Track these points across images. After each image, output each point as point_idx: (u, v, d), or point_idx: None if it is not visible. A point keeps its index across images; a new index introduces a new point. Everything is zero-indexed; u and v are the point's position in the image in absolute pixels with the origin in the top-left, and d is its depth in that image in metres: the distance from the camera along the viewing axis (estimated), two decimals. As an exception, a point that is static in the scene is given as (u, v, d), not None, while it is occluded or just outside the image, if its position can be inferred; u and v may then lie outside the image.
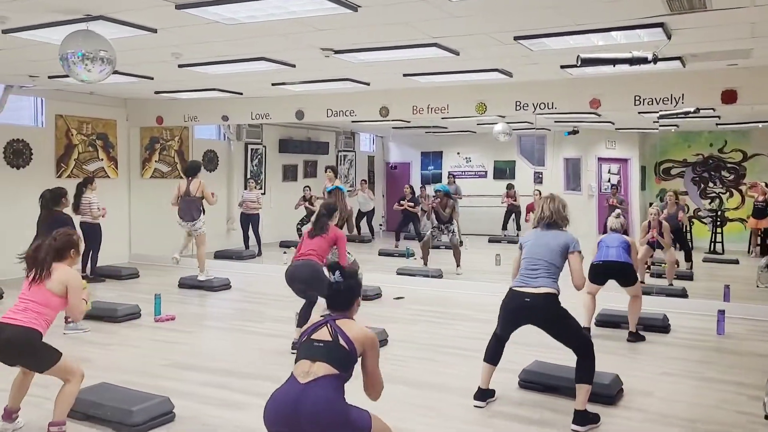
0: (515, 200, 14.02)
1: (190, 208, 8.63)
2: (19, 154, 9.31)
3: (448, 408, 4.42)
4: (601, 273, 6.22)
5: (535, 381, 4.77)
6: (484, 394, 4.46)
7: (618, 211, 6.73)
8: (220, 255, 11.26)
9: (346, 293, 3.06)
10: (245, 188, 12.16)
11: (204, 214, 8.90)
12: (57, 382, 3.77)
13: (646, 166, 13.57)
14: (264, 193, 13.17)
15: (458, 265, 10.05)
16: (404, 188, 12.73)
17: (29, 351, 3.62)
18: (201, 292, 8.55)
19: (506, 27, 5.24)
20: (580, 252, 4.28)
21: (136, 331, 6.48)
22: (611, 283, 6.30)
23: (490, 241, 14.33)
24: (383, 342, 5.95)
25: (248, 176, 12.78)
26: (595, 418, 4.12)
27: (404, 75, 7.65)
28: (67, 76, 5.24)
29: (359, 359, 2.96)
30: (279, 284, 6.11)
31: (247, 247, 11.72)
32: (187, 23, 5.14)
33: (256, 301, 8.17)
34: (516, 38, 5.52)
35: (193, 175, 8.77)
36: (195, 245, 8.95)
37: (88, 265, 8.98)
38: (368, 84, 8.44)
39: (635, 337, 6.15)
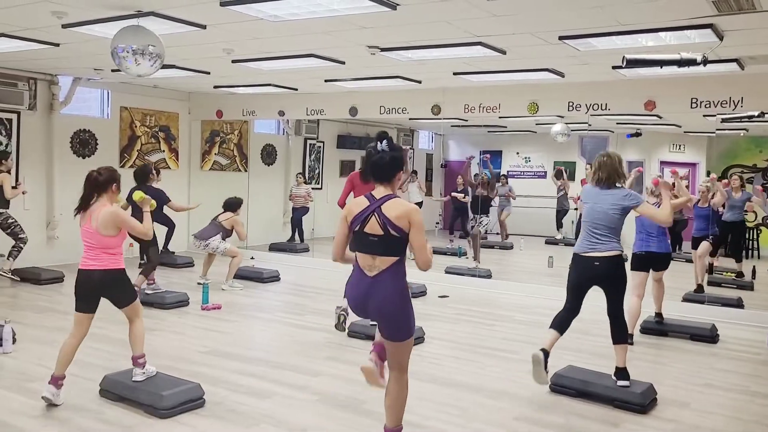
0: (566, 192, 13.72)
1: (209, 229, 8.33)
2: (85, 144, 9.79)
3: (474, 408, 4.37)
4: (643, 262, 6.08)
5: (567, 386, 4.65)
6: (547, 354, 4.45)
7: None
8: (274, 247, 11.51)
9: (390, 164, 3.20)
10: (295, 183, 12.36)
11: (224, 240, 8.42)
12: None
13: (713, 170, 12.97)
14: (321, 188, 13.37)
15: (475, 259, 9.94)
16: (457, 179, 12.65)
17: (119, 287, 4.15)
18: (250, 282, 8.75)
19: (550, 27, 5.14)
20: (644, 202, 4.54)
21: (181, 318, 6.71)
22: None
23: (546, 242, 14.07)
24: (419, 340, 5.94)
25: (302, 171, 12.97)
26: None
27: (454, 73, 7.60)
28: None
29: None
30: (326, 278, 6.17)
31: (293, 239, 11.94)
32: (233, 20, 5.27)
33: (302, 294, 8.30)
34: (561, 38, 5.39)
35: (231, 210, 8.44)
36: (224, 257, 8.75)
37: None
38: (420, 82, 8.43)
39: (662, 318, 6.33)
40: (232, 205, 8.58)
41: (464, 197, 12.08)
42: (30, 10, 5.22)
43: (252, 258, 10.25)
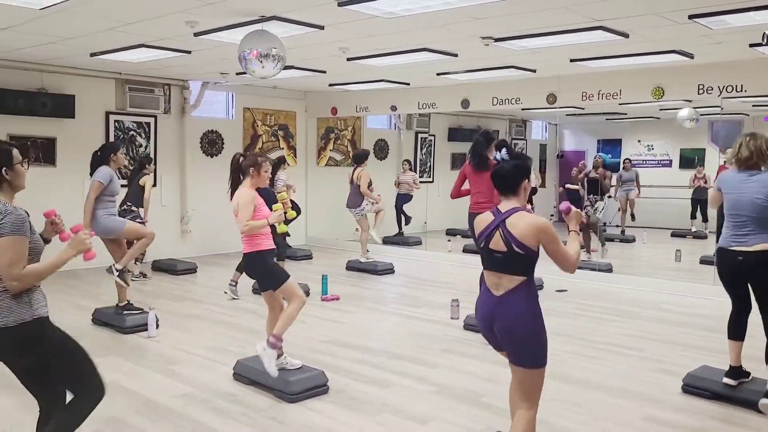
0: (705, 183, 12.81)
1: (352, 194, 9.01)
2: (213, 143, 10.43)
3: (598, 407, 4.24)
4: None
5: (702, 387, 4.39)
6: (736, 373, 4.20)
7: None
8: (387, 241, 11.69)
9: (513, 173, 2.96)
10: (401, 170, 12.46)
11: (365, 201, 9.07)
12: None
13: None
14: (432, 182, 13.42)
15: (590, 251, 9.53)
16: (572, 171, 12.23)
17: (258, 269, 4.39)
18: (366, 275, 8.96)
19: (678, 5, 4.85)
20: None
21: (303, 308, 6.96)
22: None
23: (673, 235, 13.31)
24: (537, 334, 5.84)
25: (413, 163, 13.06)
26: None
27: (571, 60, 7.36)
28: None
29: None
30: (440, 271, 6.22)
31: (400, 228, 12.03)
32: (350, 19, 5.41)
33: (416, 286, 8.39)
34: (691, 17, 5.07)
35: (358, 163, 9.10)
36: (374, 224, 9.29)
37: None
38: (534, 71, 8.24)
39: None
40: (358, 157, 8.95)
41: (579, 189, 11.68)
42: (166, 21, 5.63)
43: (367, 251, 10.43)
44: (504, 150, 2.98)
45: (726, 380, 4.19)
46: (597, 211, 9.73)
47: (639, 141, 15.78)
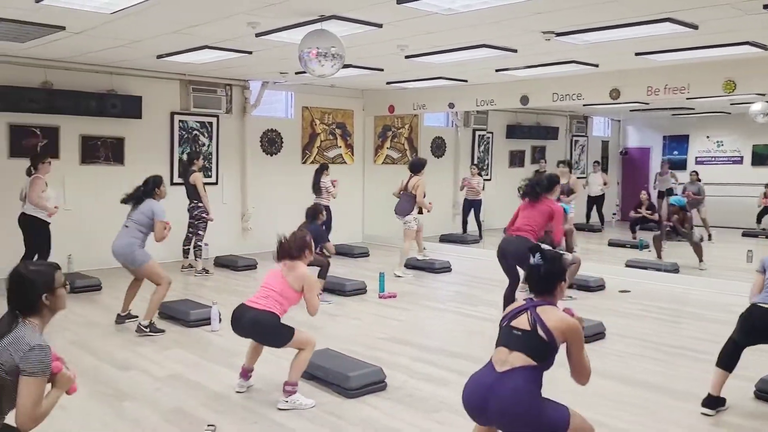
0: None
1: (403, 201, 8.71)
2: (272, 142, 10.61)
3: (663, 410, 4.11)
4: None
5: (776, 393, 4.21)
6: (714, 402, 4.06)
7: None
8: (444, 239, 11.66)
9: (547, 277, 2.93)
10: (470, 174, 12.33)
11: (416, 210, 8.85)
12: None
13: None
14: (489, 179, 13.29)
15: (701, 260, 9.14)
16: (640, 194, 11.86)
17: (267, 331, 4.11)
18: (423, 273, 8.95)
19: (753, -7, 4.64)
20: None
21: (360, 305, 7.05)
22: None
23: (744, 234, 12.80)
24: (599, 335, 5.72)
25: (474, 162, 12.96)
26: None
27: (636, 54, 7.15)
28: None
29: (562, 347, 2.86)
30: (497, 270, 6.17)
31: (464, 231, 11.94)
32: (409, 16, 5.41)
33: (473, 285, 8.33)
34: (765, 6, 4.84)
35: (415, 172, 8.77)
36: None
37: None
38: (596, 65, 8.04)
39: None
40: (415, 166, 8.74)
41: (652, 214, 11.31)
42: (229, 23, 5.77)
43: (424, 248, 10.43)
44: (538, 255, 2.96)
45: (704, 410, 4.01)
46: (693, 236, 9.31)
47: (708, 137, 15.21)
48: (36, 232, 7.10)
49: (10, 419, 2.46)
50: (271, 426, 3.85)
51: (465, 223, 12.01)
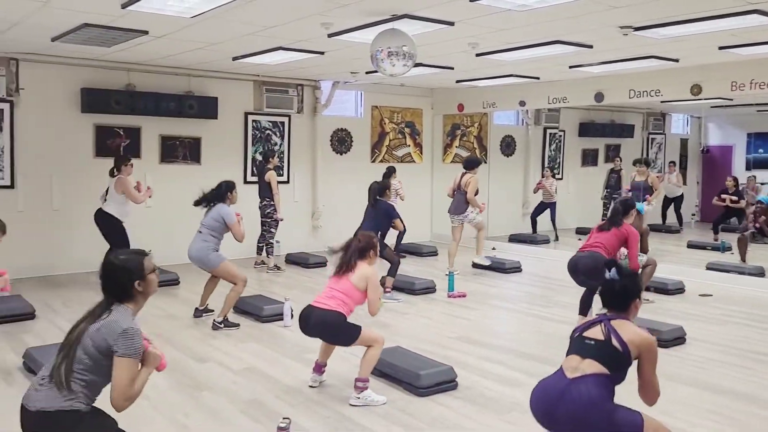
0: None
1: (457, 201, 8.52)
2: (342, 141, 10.74)
3: (748, 419, 3.93)
4: None
5: None
6: None
7: None
8: (514, 238, 11.49)
9: (621, 293, 2.90)
10: (542, 176, 12.08)
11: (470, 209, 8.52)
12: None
13: None
14: (561, 179, 13.01)
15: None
16: (726, 179, 11.27)
17: (334, 331, 4.20)
18: (492, 273, 8.85)
19: None
20: None
21: (430, 304, 7.04)
22: None
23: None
24: (679, 340, 5.52)
25: (542, 162, 12.71)
26: None
27: (720, 48, 6.84)
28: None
29: (634, 362, 2.80)
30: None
31: (534, 231, 11.72)
32: (481, 14, 5.36)
33: (545, 285, 8.17)
34: None
35: (469, 168, 8.59)
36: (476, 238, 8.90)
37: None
38: (677, 60, 7.74)
39: None
40: (469, 162, 8.63)
41: (737, 202, 10.74)
42: (303, 24, 5.88)
43: (493, 248, 10.36)
44: (614, 270, 2.92)
45: None
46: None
47: (797, 134, 14.36)
48: (112, 229, 7.32)
49: (98, 403, 2.59)
50: (343, 421, 3.91)
51: (534, 223, 11.80)
